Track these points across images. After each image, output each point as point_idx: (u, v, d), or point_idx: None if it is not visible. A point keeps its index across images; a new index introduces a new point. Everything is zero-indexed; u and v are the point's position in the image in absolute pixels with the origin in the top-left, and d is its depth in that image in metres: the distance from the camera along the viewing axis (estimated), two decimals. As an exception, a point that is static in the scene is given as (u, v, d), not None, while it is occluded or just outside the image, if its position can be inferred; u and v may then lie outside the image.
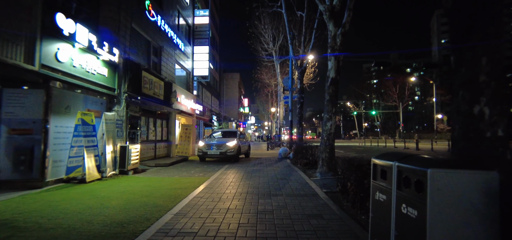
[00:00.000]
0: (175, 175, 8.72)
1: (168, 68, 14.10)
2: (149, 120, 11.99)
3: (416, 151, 22.30)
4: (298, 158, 11.59)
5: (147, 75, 11.40)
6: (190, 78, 17.90)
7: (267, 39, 27.97)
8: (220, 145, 12.11)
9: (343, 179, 5.50)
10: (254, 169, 9.86)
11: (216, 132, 15.50)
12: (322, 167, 8.17)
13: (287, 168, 10.15)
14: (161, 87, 12.78)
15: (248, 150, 15.02)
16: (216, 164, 11.54)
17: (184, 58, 16.78)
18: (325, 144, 8.24)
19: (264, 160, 13.50)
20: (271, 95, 44.61)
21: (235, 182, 7.15)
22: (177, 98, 14.50)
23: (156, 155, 12.52)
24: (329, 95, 8.34)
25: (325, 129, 8.34)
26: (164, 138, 13.58)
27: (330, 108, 8.29)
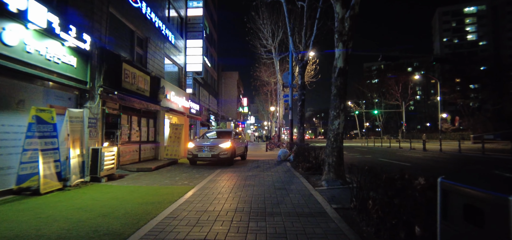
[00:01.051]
0: (156, 182, 7.43)
1: (156, 62, 12.81)
2: (131, 118, 10.70)
3: (423, 152, 21.05)
4: (299, 161, 10.31)
5: (129, 68, 10.11)
6: (183, 74, 16.62)
7: (266, 35, 26.74)
8: (212, 147, 10.83)
9: (360, 193, 4.22)
10: (250, 174, 8.57)
11: (209, 131, 14.23)
12: (328, 173, 6.88)
13: (287, 173, 8.86)
14: (147, 83, 11.50)
15: (244, 152, 13.74)
16: (207, 168, 10.25)
17: (176, 53, 15.50)
18: (331, 146, 6.96)
19: (261, 162, 12.22)
20: (271, 94, 43.31)
21: (224, 193, 5.86)
22: (166, 95, 13.21)
23: (141, 158, 11.23)
24: (336, 89, 7.06)
25: (331, 128, 7.06)
26: (151, 138, 12.29)
27: (338, 104, 7.01)
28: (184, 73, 16.78)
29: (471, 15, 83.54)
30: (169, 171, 9.58)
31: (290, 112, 14.89)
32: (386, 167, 3.89)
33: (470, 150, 21.47)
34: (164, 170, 9.96)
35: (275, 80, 32.78)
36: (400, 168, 4.05)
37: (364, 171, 4.29)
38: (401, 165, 11.87)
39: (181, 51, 16.28)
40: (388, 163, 13.13)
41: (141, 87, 10.98)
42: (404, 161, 13.79)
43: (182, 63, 16.51)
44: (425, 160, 14.27)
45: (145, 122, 11.89)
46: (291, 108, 14.78)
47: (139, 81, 10.85)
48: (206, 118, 37.05)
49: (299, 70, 13.46)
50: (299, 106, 13.35)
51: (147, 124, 11.98)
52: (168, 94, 13.38)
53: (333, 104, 7.11)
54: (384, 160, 14.36)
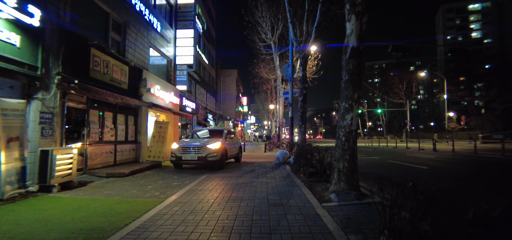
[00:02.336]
0: (120, 193, 5.89)
1: (138, 52, 11.27)
2: (105, 114, 9.16)
3: (434, 152, 19.45)
4: (300, 164, 8.77)
5: (100, 55, 8.57)
6: (172, 67, 15.07)
7: (265, 29, 25.19)
8: (199, 148, 9.28)
9: (394, 218, 2.68)
10: (240, 182, 7.02)
11: (200, 130, 12.66)
12: (338, 183, 5.33)
13: (286, 180, 7.31)
14: (125, 74, 9.96)
15: (238, 153, 12.20)
16: (192, 173, 8.71)
17: (163, 43, 13.95)
18: (342, 147, 5.40)
19: (257, 166, 10.67)
20: (271, 93, 41.70)
21: (198, 212, 4.32)
22: (150, 89, 11.67)
23: (117, 161, 9.69)
24: (348, 74, 5.51)
25: (342, 125, 5.51)
26: (131, 138, 10.75)
27: (350, 93, 5.46)
28: (174, 66, 15.24)
29: (475, 12, 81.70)
30: (145, 177, 8.03)
31: (290, 110, 13.34)
32: (401, 170, 2.55)
33: (486, 151, 19.85)
34: (141, 175, 8.41)
35: (274, 77, 31.20)
36: (417, 172, 2.46)
37: (400, 187, 2.75)
38: (416, 168, 10.31)
39: (169, 42, 14.74)
40: (400, 165, 11.57)
41: (117, 78, 9.44)
42: (418, 163, 12.22)
43: (171, 56, 14.97)
44: (441, 163, 12.70)
45: (123, 118, 10.35)
46: (291, 104, 13.23)
47: (114, 71, 9.31)
48: (203, 117, 35.51)
49: (300, 61, 11.89)
50: (300, 103, 11.79)
51: (125, 121, 10.43)
52: (152, 88, 11.84)
53: (344, 94, 5.56)
54: (395, 162, 12.80)
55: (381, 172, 9.66)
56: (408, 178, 2.64)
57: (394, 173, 9.54)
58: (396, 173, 9.40)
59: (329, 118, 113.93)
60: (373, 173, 8.99)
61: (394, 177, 2.85)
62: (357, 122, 5.55)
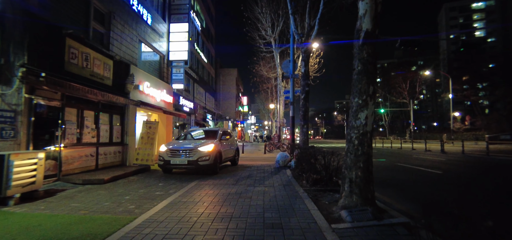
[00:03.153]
0: (89, 206, 4.94)
1: (125, 45, 10.34)
2: (84, 113, 8.21)
3: (442, 154, 18.46)
4: (303, 168, 7.81)
5: (78, 47, 7.63)
6: (165, 63, 14.12)
7: (265, 25, 24.24)
8: (190, 151, 8.32)
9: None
10: (234, 191, 6.06)
11: (194, 130, 11.67)
12: (350, 196, 4.37)
13: (286, 188, 6.35)
14: (108, 69, 9.02)
15: (235, 156, 11.24)
16: (181, 179, 7.76)
17: (155, 38, 13.02)
18: (355, 152, 4.45)
19: (255, 170, 9.72)
20: (271, 92, 40.70)
21: (174, 236, 3.36)
22: (139, 86, 10.73)
23: (99, 165, 8.74)
24: (362, 63, 4.56)
25: (354, 125, 4.55)
26: (116, 139, 9.80)
27: (365, 87, 4.51)
28: (167, 62, 14.29)
29: (479, 10, 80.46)
30: (127, 184, 7.08)
31: (291, 109, 12.36)
32: (414, 175, 1.72)
33: (498, 152, 18.84)
34: (123, 181, 7.46)
35: (275, 76, 30.23)
36: (433, 177, 1.46)
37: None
38: (430, 173, 9.34)
39: (162, 37, 13.80)
40: (411, 169, 10.60)
41: (99, 73, 8.50)
42: (429, 166, 11.24)
43: (164, 51, 14.03)
44: (455, 166, 11.72)
45: (107, 118, 9.40)
46: (293, 103, 12.25)
47: (96, 65, 8.36)
48: (202, 117, 34.57)
49: (302, 56, 10.92)
50: (302, 101, 10.82)
51: (109, 120, 9.49)
52: (141, 85, 10.90)
53: (356, 87, 4.60)
54: (405, 165, 11.82)
55: (392, 177, 8.69)
56: (421, 182, 1.67)
57: (407, 178, 8.58)
58: (410, 178, 8.43)
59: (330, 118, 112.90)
60: (384, 179, 8.02)
61: (409, 183, 1.87)
62: (373, 122, 4.59)
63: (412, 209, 4.84)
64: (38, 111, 6.67)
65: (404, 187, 7.14)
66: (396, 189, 6.83)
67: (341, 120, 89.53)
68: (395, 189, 6.75)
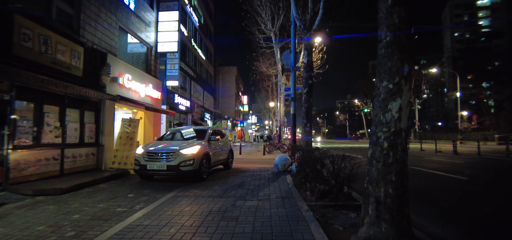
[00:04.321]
0: (12, 233, 3.60)
1: (101, 32, 9.00)
2: (43, 108, 6.86)
3: (455, 155, 17.02)
4: (306, 176, 6.44)
5: (34, 27, 6.29)
6: (152, 55, 12.77)
7: (265, 19, 22.88)
8: (170, 153, 6.95)
9: None
10: (217, 208, 4.69)
11: (184, 128, 10.17)
12: (377, 223, 3.00)
13: (286, 203, 4.97)
14: (78, 57, 7.67)
15: (228, 158, 9.86)
16: (157, 189, 6.40)
17: (141, 27, 11.67)
18: (384, 159, 3.08)
19: (250, 175, 8.35)
20: (272, 91, 39.30)
21: None
22: (118, 78, 9.39)
23: (65, 170, 7.39)
24: (392, 32, 3.18)
25: (383, 120, 3.17)
26: (89, 140, 8.45)
27: (397, 65, 3.14)
28: (155, 54, 12.93)
29: (484, 7, 78.79)
30: (89, 196, 5.73)
31: (292, 105, 10.98)
32: (436, 182, 0.67)
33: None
34: (86, 191, 6.11)
35: (275, 73, 28.84)
36: (460, 185, 0.30)
37: None
38: (453, 179, 7.94)
39: (149, 26, 12.44)
40: (428, 173, 9.21)
41: (63, 61, 7.15)
42: (449, 170, 9.83)
43: (152, 42, 12.68)
44: (478, 170, 10.33)
45: (77, 114, 8.05)
46: (294, 99, 10.87)
47: (59, 51, 7.02)
48: (200, 116, 33.23)
49: (305, 45, 9.54)
50: (304, 96, 9.43)
51: (80, 117, 8.14)
52: (121, 77, 9.55)
53: (384, 66, 3.22)
54: (420, 169, 10.43)
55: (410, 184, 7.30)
56: (448, 191, 0.46)
57: (429, 185, 7.19)
58: (432, 186, 7.05)
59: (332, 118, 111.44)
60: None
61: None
62: (408, 115, 3.20)
63: (457, 235, 3.51)
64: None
65: (431, 199, 5.77)
66: (421, 201, 5.45)
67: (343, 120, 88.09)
68: (421, 202, 5.37)
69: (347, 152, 3.25)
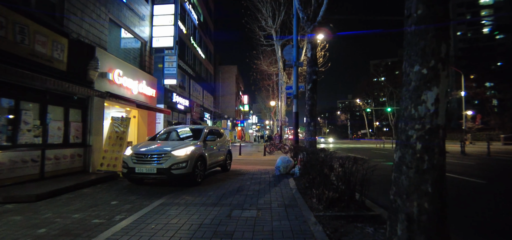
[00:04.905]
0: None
1: (88, 23, 8.35)
2: (19, 104, 6.20)
3: (463, 156, 16.31)
4: (312, 181, 5.77)
5: (7, 13, 5.65)
6: (147, 51, 12.11)
7: (265, 15, 22.22)
8: (160, 155, 6.29)
9: None
10: (209, 220, 4.03)
11: (179, 128, 9.46)
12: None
13: (289, 214, 4.31)
14: (61, 49, 7.02)
15: (226, 160, 9.19)
16: (145, 195, 5.74)
17: (134, 20, 11.03)
18: (417, 163, 2.40)
19: (250, 178, 7.69)
20: (272, 90, 38.60)
21: None
22: (108, 74, 8.74)
23: (47, 173, 6.74)
24: (426, 5, 2.50)
25: (415, 114, 2.49)
26: (74, 140, 7.79)
27: (433, 46, 2.46)
28: (150, 50, 12.27)
29: (487, 6, 77.94)
30: (66, 203, 5.07)
31: (294, 103, 10.31)
32: (453, 186, 0.72)
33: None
34: (66, 197, 5.45)
35: (276, 71, 28.16)
36: (478, 190, 0.31)
37: None
38: (469, 182, 7.26)
39: (143, 20, 11.79)
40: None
41: (43, 53, 6.50)
42: (464, 173, 9.15)
43: (146, 37, 12.02)
44: (494, 172, 9.66)
45: (61, 112, 7.40)
46: (296, 96, 10.20)
47: (39, 42, 6.37)
48: (199, 115, 32.57)
49: (309, 36, 8.85)
50: (308, 93, 8.75)
51: (65, 115, 7.48)
52: (112, 73, 8.90)
53: (415, 47, 2.54)
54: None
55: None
56: (469, 197, 0.87)
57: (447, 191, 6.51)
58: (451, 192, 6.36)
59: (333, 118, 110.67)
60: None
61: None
62: (446, 107, 2.53)
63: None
64: None
65: (457, 206, 5.09)
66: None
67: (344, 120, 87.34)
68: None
69: (351, 152, 2.70)
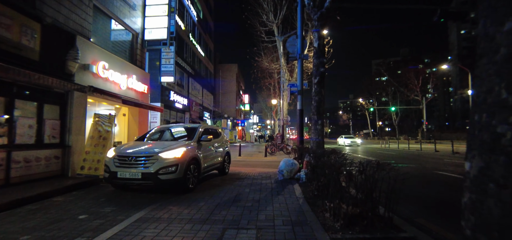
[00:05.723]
0: None
1: (67, 8, 7.43)
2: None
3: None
4: (324, 189, 4.84)
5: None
6: (138, 44, 11.19)
7: (267, 9, 21.30)
8: (146, 158, 5.38)
9: None
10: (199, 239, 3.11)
11: (172, 126, 8.49)
12: None
13: (297, 235, 3.37)
14: (32, 35, 6.10)
15: (224, 162, 8.26)
16: (124, 206, 4.82)
17: (124, 9, 10.11)
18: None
19: (249, 184, 6.77)
20: (274, 89, 37.64)
21: None
22: (91, 66, 7.82)
23: (13, 177, 5.83)
24: None
25: (506, 101, 1.54)
26: (50, 140, 6.87)
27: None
28: (142, 42, 11.35)
29: (492, 4, 76.64)
30: (23, 217, 4.16)
31: (299, 100, 9.37)
32: None
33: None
34: (28, 209, 4.54)
35: (278, 69, 27.20)
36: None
37: None
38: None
39: (135, 9, 10.87)
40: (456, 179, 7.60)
41: (9, 38, 5.59)
42: None
43: (138, 28, 11.11)
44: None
45: (34, 108, 6.48)
46: (301, 91, 9.26)
47: (2, 26, 5.45)
48: (198, 115, 31.67)
49: (316, 24, 7.91)
50: (315, 87, 7.81)
51: (38, 112, 6.56)
52: (96, 65, 7.98)
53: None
54: (449, 175, 8.82)
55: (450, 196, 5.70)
56: None
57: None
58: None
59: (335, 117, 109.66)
60: (441, 199, 5.03)
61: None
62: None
63: None
64: None
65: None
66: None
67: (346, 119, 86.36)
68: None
69: (355, 153, 2.00)
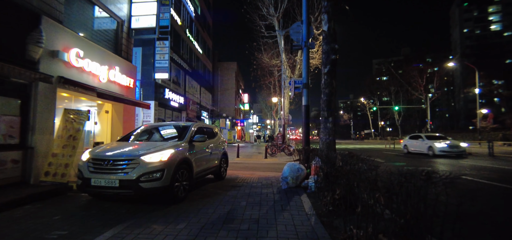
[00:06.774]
0: None
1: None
2: None
3: (491, 158, 14.20)
4: (344, 205, 3.69)
5: None
6: (124, 32, 10.00)
7: (267, 2, 20.15)
8: (126, 161, 4.24)
9: None
10: None
11: (161, 125, 7.27)
12: None
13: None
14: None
15: (219, 166, 7.10)
16: (97, 221, 3.66)
17: (107, -8, 8.93)
18: None
19: (248, 193, 5.62)
20: (274, 88, 36.42)
21: None
22: (62, 53, 6.65)
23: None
24: None
25: None
26: (8, 140, 5.70)
27: None
28: (128, 31, 10.17)
29: (495, 2, 75.59)
30: None
31: (305, 94, 8.21)
32: None
33: None
34: None
35: (279, 66, 26.02)
36: None
37: None
38: None
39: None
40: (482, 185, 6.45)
41: None
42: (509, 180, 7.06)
43: (123, 16, 9.93)
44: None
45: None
46: (307, 84, 8.10)
47: None
48: (196, 114, 30.50)
49: (324, 4, 6.74)
50: (325, 78, 6.66)
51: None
52: (68, 53, 6.82)
53: None
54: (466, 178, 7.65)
55: (483, 209, 4.53)
56: None
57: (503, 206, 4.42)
58: None
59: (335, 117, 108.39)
60: (496, 218, 3.88)
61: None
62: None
63: None
64: None
65: None
66: None
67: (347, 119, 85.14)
68: None
69: (362, 152, 1.12)
